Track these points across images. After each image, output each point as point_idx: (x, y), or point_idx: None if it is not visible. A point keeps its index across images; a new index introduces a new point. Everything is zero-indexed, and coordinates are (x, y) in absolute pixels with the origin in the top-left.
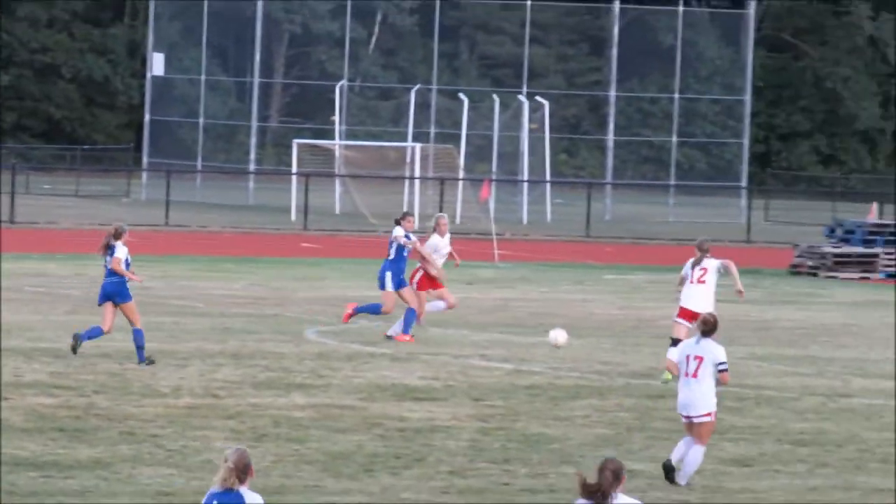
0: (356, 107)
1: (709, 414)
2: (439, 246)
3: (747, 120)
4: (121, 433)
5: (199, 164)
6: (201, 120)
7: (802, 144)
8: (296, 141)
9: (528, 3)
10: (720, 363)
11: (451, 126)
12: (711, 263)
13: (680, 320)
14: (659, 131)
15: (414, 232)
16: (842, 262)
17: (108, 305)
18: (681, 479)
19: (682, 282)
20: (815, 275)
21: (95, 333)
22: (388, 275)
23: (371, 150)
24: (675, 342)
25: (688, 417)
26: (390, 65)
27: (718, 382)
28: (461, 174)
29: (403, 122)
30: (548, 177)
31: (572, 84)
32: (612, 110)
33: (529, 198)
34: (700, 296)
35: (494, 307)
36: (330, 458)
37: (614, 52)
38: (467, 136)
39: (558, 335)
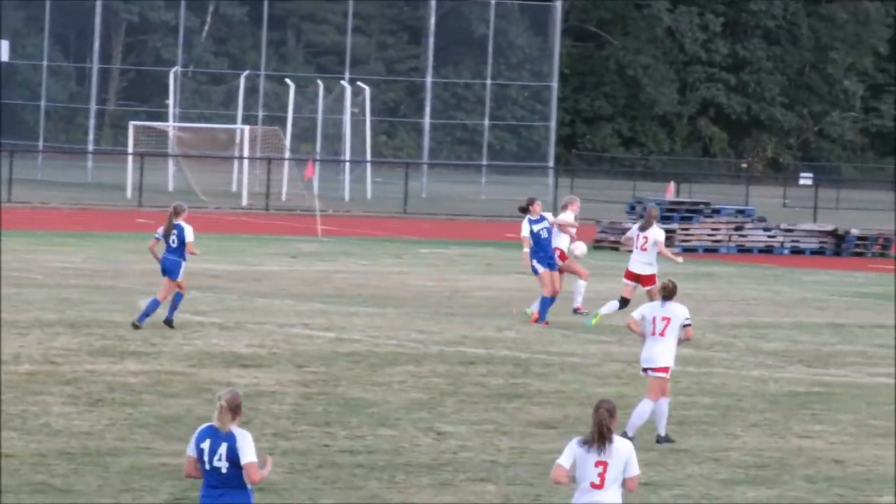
0: (189, 91)
1: (665, 369)
2: (570, 220)
3: (554, 104)
4: None
5: (40, 144)
6: (43, 103)
7: (605, 127)
8: (132, 123)
9: None
10: (686, 318)
11: (279, 109)
12: (653, 233)
13: (627, 281)
14: (472, 115)
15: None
16: None
17: (167, 279)
18: (660, 429)
19: (627, 241)
20: (616, 249)
21: (152, 307)
22: (535, 261)
23: (203, 132)
24: (624, 301)
25: (646, 371)
26: (221, 52)
27: (681, 341)
28: (287, 154)
29: (233, 105)
30: (368, 157)
31: (392, 70)
32: (428, 95)
33: (351, 177)
34: (642, 260)
35: (317, 279)
36: (161, 422)
37: (431, 41)
38: (293, 118)
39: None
